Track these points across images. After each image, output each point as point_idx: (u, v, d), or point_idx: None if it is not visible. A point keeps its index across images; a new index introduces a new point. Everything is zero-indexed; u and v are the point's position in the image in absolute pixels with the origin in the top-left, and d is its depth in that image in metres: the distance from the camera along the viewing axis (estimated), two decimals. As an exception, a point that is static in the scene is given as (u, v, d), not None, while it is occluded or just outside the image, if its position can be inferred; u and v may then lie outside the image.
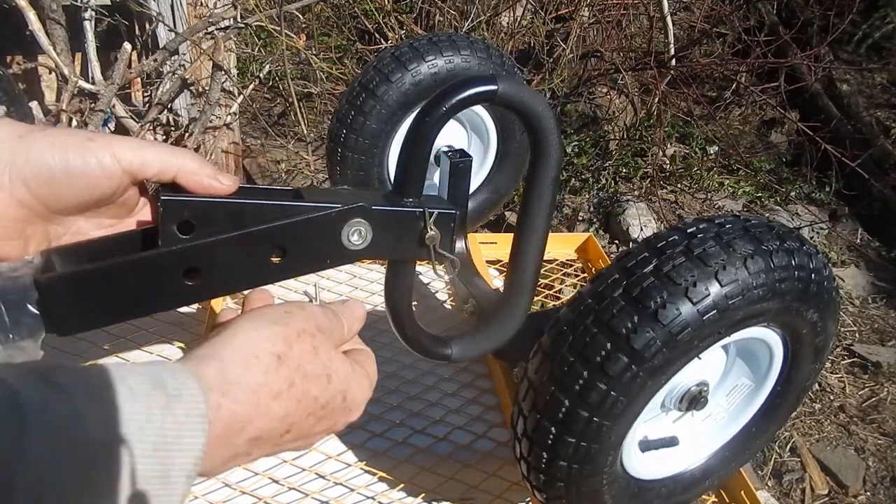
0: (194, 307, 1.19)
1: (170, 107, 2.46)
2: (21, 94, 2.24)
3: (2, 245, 0.51)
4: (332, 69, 2.98)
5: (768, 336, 0.80)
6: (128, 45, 2.16)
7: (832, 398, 2.76)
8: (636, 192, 3.59)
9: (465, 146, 1.30)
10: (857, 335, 3.08)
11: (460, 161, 0.77)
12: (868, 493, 2.40)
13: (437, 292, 1.35)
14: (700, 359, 0.73)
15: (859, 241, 3.66)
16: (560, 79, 3.39)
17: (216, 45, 2.26)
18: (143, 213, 0.59)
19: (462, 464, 0.98)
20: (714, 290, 0.67)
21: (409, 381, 1.13)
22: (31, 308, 0.50)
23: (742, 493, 0.97)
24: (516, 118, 0.84)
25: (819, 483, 2.41)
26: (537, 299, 1.53)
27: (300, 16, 2.96)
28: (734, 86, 4.04)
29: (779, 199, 3.77)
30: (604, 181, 3.52)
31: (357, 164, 1.20)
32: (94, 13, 2.31)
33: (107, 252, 0.56)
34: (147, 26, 2.52)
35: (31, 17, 2.01)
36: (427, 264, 0.70)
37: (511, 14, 3.51)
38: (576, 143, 3.49)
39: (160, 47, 2.37)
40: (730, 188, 3.74)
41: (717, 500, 1.00)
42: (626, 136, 3.63)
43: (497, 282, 1.36)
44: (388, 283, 0.75)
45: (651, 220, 3.28)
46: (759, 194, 3.74)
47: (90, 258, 0.55)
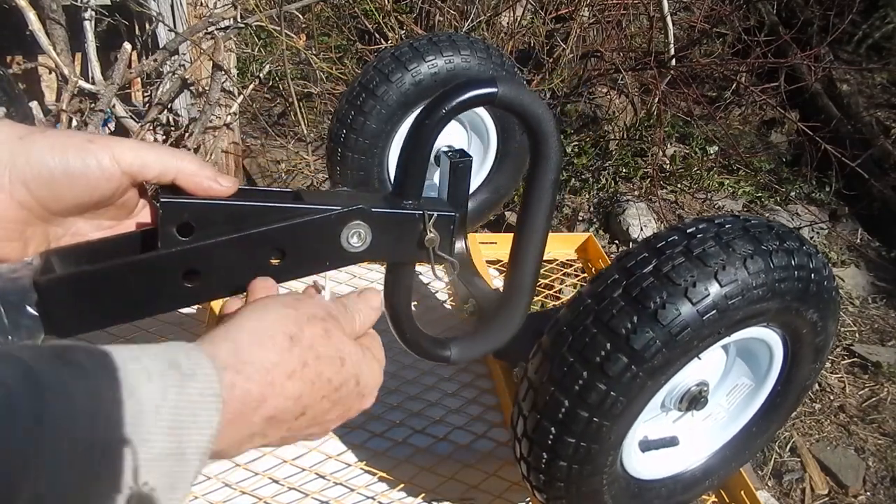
0: (194, 308, 1.19)
1: (170, 107, 2.46)
2: (21, 94, 2.23)
3: (1, 246, 0.51)
4: (332, 69, 2.98)
5: (768, 336, 0.80)
6: (128, 45, 2.16)
7: (832, 398, 2.76)
8: (636, 192, 3.59)
9: (465, 146, 1.30)
10: (857, 335, 3.07)
11: (460, 161, 0.77)
12: (868, 493, 2.40)
13: (437, 292, 1.35)
14: (700, 359, 0.73)
15: (859, 241, 3.66)
16: (560, 79, 3.39)
17: (216, 45, 2.26)
18: (143, 215, 0.59)
19: (462, 464, 0.98)
20: (714, 290, 0.67)
21: (409, 381, 1.13)
22: (31, 310, 0.50)
23: (742, 492, 0.97)
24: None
25: (819, 483, 2.41)
26: (537, 299, 1.53)
27: (300, 16, 2.96)
28: (734, 86, 4.03)
29: (779, 199, 3.76)
30: (604, 181, 3.51)
31: (357, 164, 1.20)
32: (94, 13, 2.30)
33: (106, 254, 0.56)
34: (147, 26, 2.52)
35: (31, 17, 2.01)
36: (427, 265, 0.70)
37: (511, 14, 3.50)
38: (576, 143, 3.49)
39: (160, 47, 2.37)
40: (730, 188, 3.74)
41: (717, 500, 1.00)
42: (626, 136, 3.62)
43: (497, 282, 1.36)
44: (387, 284, 0.74)
45: (651, 220, 3.28)
46: (759, 194, 3.73)
47: (89, 260, 0.55)
